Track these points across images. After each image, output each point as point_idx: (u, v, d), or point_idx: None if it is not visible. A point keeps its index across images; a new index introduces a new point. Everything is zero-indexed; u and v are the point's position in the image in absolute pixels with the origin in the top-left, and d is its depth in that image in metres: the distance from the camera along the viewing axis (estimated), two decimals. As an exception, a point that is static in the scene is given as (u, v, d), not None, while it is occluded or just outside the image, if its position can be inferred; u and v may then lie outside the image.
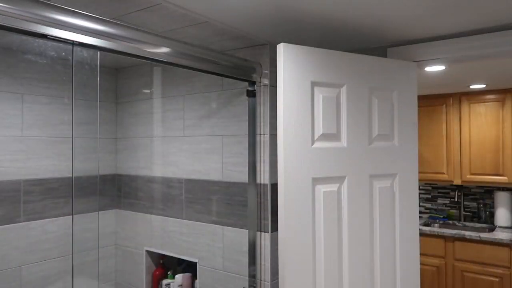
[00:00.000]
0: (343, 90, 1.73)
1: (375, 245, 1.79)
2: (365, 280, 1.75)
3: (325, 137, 1.66)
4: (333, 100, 1.70)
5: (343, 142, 1.72)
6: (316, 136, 1.66)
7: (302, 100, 1.62)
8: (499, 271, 3.16)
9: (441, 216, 3.87)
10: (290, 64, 1.61)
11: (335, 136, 1.70)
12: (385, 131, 1.83)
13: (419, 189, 4.04)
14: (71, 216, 1.95)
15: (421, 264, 3.51)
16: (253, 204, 1.96)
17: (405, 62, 1.90)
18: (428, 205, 4.03)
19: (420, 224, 3.61)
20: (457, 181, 3.57)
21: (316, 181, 1.63)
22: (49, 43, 1.29)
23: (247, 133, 1.98)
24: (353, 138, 1.74)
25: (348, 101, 1.73)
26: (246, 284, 2.00)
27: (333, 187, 1.69)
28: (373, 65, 1.80)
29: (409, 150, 1.89)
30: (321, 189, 1.66)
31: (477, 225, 3.64)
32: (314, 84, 1.65)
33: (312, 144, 1.64)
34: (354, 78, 1.74)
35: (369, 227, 1.76)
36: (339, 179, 1.71)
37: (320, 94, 1.66)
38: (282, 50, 1.59)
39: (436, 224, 3.73)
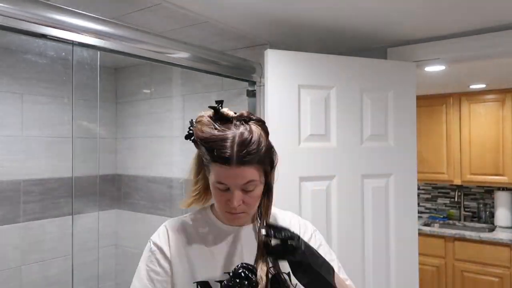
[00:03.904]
0: (333, 91, 1.75)
1: (367, 244, 1.79)
2: (356, 280, 1.75)
3: (313, 137, 1.69)
4: (322, 101, 1.73)
5: (333, 142, 1.74)
6: (303, 137, 1.69)
7: (289, 102, 1.65)
8: (499, 271, 3.15)
9: (441, 216, 3.87)
10: (277, 69, 1.65)
11: (324, 137, 1.73)
12: (379, 131, 1.83)
13: (419, 189, 4.03)
14: (71, 216, 1.95)
15: (421, 264, 3.49)
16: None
17: (402, 62, 1.90)
18: (428, 205, 4.02)
19: (420, 224, 3.61)
20: (457, 181, 3.57)
21: (303, 179, 1.66)
22: (49, 43, 1.28)
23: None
24: (343, 138, 1.75)
25: (338, 103, 1.75)
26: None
27: (322, 186, 1.71)
28: (366, 66, 1.81)
29: (407, 150, 1.89)
30: (309, 187, 1.68)
31: (477, 225, 3.64)
32: (301, 87, 1.68)
33: (299, 144, 1.67)
34: (345, 80, 1.76)
35: (360, 226, 1.77)
36: (329, 178, 1.73)
37: (307, 96, 1.69)
38: (269, 56, 1.64)
39: (436, 224, 3.73)
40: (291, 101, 1.66)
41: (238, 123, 0.86)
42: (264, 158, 0.85)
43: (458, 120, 3.56)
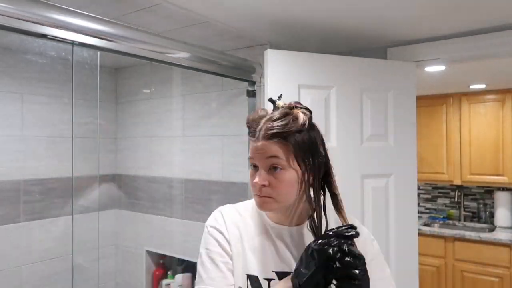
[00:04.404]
0: (333, 91, 1.74)
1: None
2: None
3: None
4: (322, 101, 1.72)
5: (333, 142, 1.73)
6: None
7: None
8: (499, 271, 3.15)
9: (441, 216, 3.87)
10: (277, 68, 1.64)
11: (324, 137, 1.72)
12: (379, 131, 1.83)
13: (419, 189, 4.03)
14: (71, 216, 1.95)
15: (421, 264, 3.49)
16: (253, 204, 1.96)
17: (402, 62, 1.90)
18: (428, 205, 4.02)
19: (420, 224, 3.61)
20: (457, 181, 3.57)
21: None
22: (49, 43, 1.28)
23: (247, 133, 1.97)
24: (344, 139, 1.75)
25: (338, 103, 1.74)
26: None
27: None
28: (366, 66, 1.81)
29: (407, 150, 1.89)
30: None
31: (477, 225, 3.64)
32: (301, 87, 1.68)
33: None
34: (345, 80, 1.76)
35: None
36: None
37: (307, 96, 1.69)
38: (269, 56, 1.63)
39: (436, 224, 3.73)
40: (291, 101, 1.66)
41: (283, 109, 0.86)
42: (295, 140, 0.82)
43: (458, 120, 3.56)
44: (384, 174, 1.85)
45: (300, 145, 0.83)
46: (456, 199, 3.81)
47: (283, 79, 1.65)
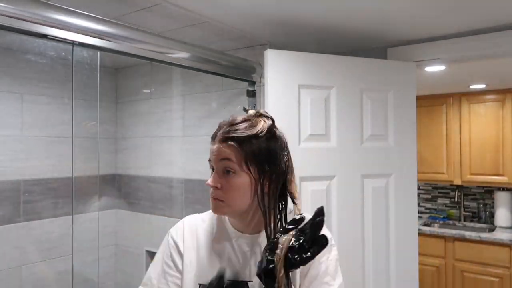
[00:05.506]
0: (333, 91, 1.74)
1: (367, 244, 1.79)
2: (356, 280, 1.75)
3: (313, 137, 1.69)
4: (322, 101, 1.72)
5: (333, 142, 1.73)
6: (303, 137, 1.68)
7: (289, 102, 1.65)
8: (499, 271, 3.15)
9: (441, 216, 3.87)
10: (277, 68, 1.64)
11: (324, 137, 1.73)
12: (379, 131, 1.83)
13: (419, 189, 4.03)
14: (71, 216, 1.95)
15: (421, 264, 3.48)
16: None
17: (402, 62, 1.90)
18: (428, 205, 4.02)
19: (420, 224, 3.61)
20: (457, 181, 3.57)
21: (303, 179, 1.65)
22: (49, 43, 1.28)
23: None
24: (344, 139, 1.75)
25: (338, 103, 1.74)
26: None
27: (322, 186, 1.71)
28: (366, 66, 1.81)
29: (407, 150, 1.89)
30: (309, 187, 1.67)
31: (477, 225, 3.64)
32: (301, 87, 1.68)
33: (299, 144, 1.67)
34: (345, 80, 1.76)
35: (360, 226, 1.77)
36: (329, 178, 1.72)
37: (307, 96, 1.69)
38: (269, 56, 1.63)
39: (436, 224, 3.73)
40: (291, 101, 1.66)
41: (250, 116, 0.89)
42: (250, 145, 0.83)
43: (458, 120, 3.56)
44: (384, 174, 1.85)
45: (254, 152, 0.83)
46: (456, 199, 3.81)
47: (283, 79, 1.65)
